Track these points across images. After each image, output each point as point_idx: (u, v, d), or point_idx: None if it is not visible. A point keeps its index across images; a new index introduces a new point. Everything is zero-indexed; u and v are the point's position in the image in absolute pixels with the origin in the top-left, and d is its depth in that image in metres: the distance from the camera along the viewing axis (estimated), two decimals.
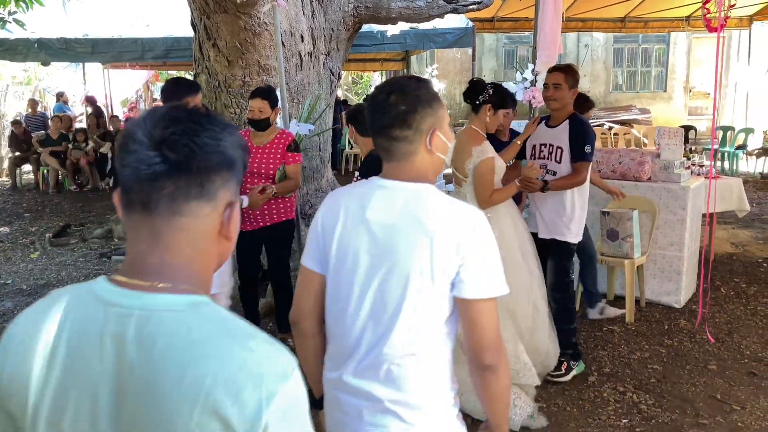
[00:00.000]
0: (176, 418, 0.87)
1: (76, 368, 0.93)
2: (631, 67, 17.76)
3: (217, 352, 0.88)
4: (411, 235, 1.49)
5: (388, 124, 1.54)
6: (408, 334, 1.50)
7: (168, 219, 0.95)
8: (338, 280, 1.58)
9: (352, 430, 1.56)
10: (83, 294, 0.97)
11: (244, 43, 5.52)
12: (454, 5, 7.15)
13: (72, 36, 10.00)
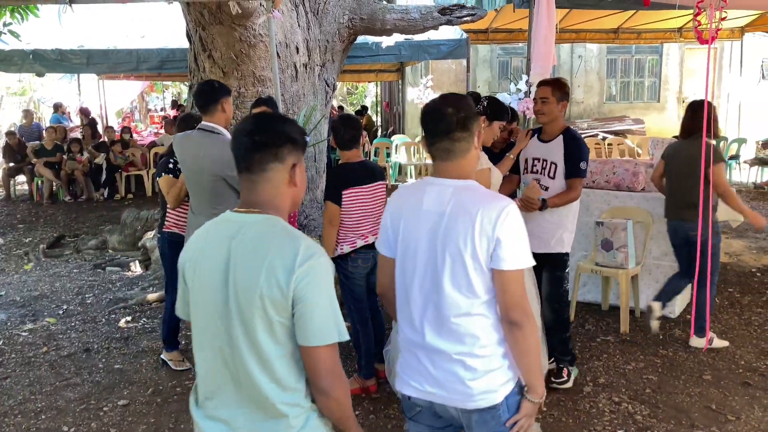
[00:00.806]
0: (256, 277, 1.60)
1: (210, 260, 1.68)
2: (625, 77, 17.87)
3: (275, 240, 1.64)
4: (458, 220, 1.89)
5: (451, 129, 1.95)
6: (461, 298, 1.90)
7: (258, 175, 1.70)
8: (404, 260, 2.02)
9: (428, 378, 1.97)
10: (222, 217, 1.76)
11: (239, 54, 5.54)
12: (448, 17, 7.18)
13: (67, 47, 10.01)
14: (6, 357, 4.58)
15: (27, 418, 3.71)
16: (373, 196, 3.82)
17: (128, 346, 4.73)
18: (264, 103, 4.07)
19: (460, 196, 1.93)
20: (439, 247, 1.92)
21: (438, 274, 1.92)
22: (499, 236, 1.86)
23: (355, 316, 3.90)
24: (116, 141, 12.09)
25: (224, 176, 3.43)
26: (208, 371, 1.72)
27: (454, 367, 1.93)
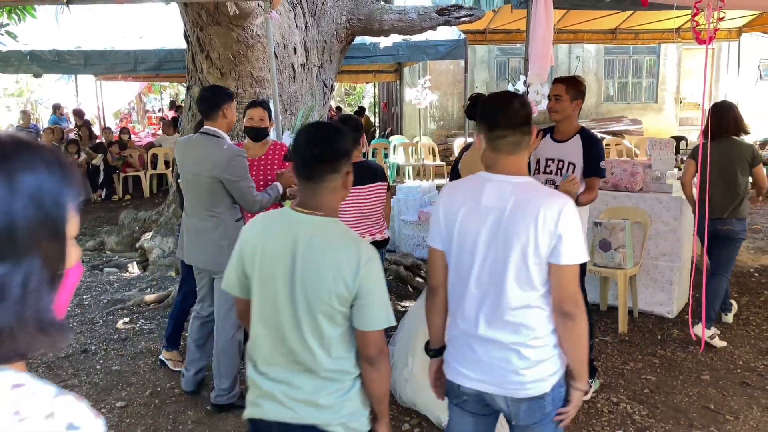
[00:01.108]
0: (324, 276, 1.86)
1: (275, 249, 1.93)
2: (622, 78, 17.89)
3: (343, 246, 1.91)
4: (519, 216, 1.96)
5: (520, 123, 2.05)
6: (520, 291, 1.97)
7: (318, 183, 1.93)
8: (461, 254, 2.07)
9: (481, 367, 2.05)
10: (282, 213, 2.03)
11: (237, 55, 5.54)
12: (446, 17, 7.19)
13: (64, 48, 10.00)
14: None
15: None
16: (372, 197, 3.82)
17: (126, 348, 4.72)
18: (263, 104, 4.07)
19: (520, 192, 2.00)
20: (500, 241, 1.99)
21: (498, 268, 1.99)
22: (560, 232, 1.94)
23: None
24: (114, 142, 12.08)
25: (222, 180, 3.47)
26: (268, 345, 1.97)
27: (508, 357, 2.00)
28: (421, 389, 3.57)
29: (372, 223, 3.86)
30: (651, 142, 5.55)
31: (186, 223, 3.76)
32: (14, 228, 0.70)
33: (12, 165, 0.73)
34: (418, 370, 3.60)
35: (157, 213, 7.47)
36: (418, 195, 7.41)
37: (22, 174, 0.73)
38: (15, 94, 22.76)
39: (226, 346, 3.66)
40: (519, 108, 2.07)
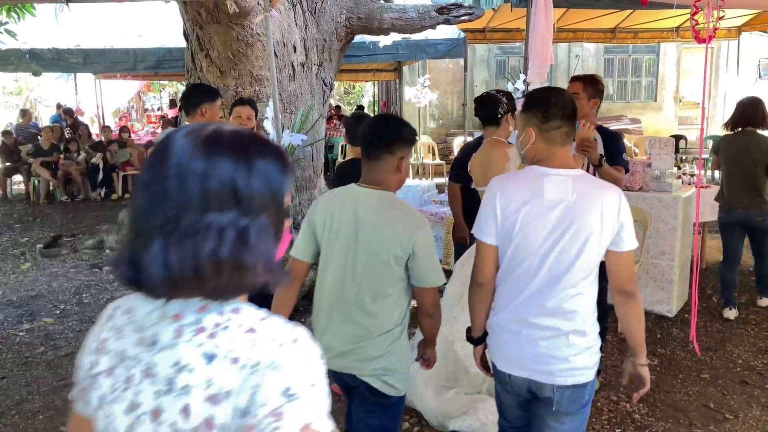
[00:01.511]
0: (383, 238, 2.22)
1: (342, 217, 2.30)
2: (622, 77, 17.89)
3: (398, 213, 2.27)
4: (585, 207, 2.05)
5: (571, 114, 2.17)
6: (578, 279, 2.08)
7: (376, 161, 2.30)
8: (523, 248, 2.11)
9: (529, 356, 2.12)
10: (348, 188, 2.36)
11: (236, 53, 5.53)
12: (445, 16, 7.18)
13: (64, 46, 9.98)
14: (3, 357, 4.57)
15: (24, 418, 3.70)
16: None
17: None
18: (250, 102, 4.08)
19: (581, 185, 2.09)
20: (568, 233, 2.06)
21: (565, 258, 2.07)
22: (621, 221, 2.08)
23: None
24: (113, 140, 12.07)
25: None
26: (328, 302, 2.36)
27: (559, 344, 2.09)
28: (419, 393, 3.57)
29: None
30: (650, 141, 5.55)
31: None
32: (252, 196, 0.97)
33: (251, 155, 1.00)
34: (419, 377, 3.59)
35: None
36: (417, 194, 7.41)
37: (258, 161, 1.00)
38: (14, 93, 22.74)
39: None
40: (570, 101, 2.21)
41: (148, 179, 1.00)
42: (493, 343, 2.26)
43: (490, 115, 3.57)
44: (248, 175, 0.98)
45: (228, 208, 0.95)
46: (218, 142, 0.99)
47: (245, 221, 0.97)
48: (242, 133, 1.03)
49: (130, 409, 0.97)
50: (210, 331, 0.97)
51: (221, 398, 0.92)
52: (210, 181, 0.95)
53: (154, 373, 0.96)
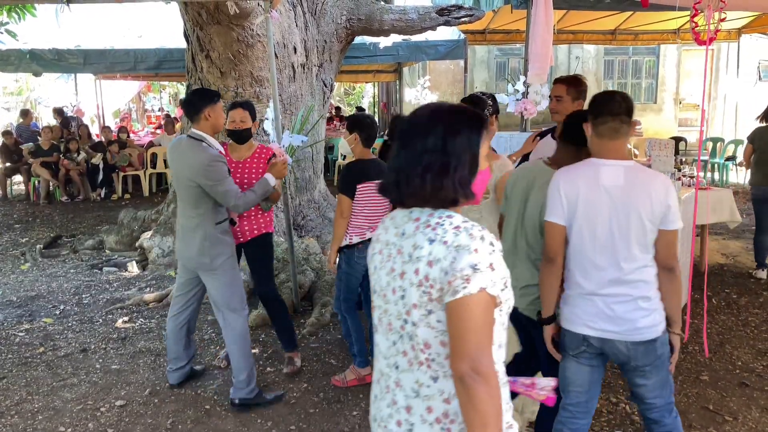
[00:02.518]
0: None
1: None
2: (622, 78, 17.90)
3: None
4: (637, 192, 2.41)
5: (620, 112, 2.48)
6: (640, 254, 2.42)
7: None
8: (586, 226, 2.47)
9: (605, 319, 2.45)
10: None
11: (237, 54, 5.54)
12: (446, 18, 7.19)
13: (64, 47, 9.99)
14: (3, 357, 4.57)
15: (24, 418, 3.70)
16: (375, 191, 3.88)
17: (125, 347, 4.72)
18: (243, 105, 4.09)
19: (632, 173, 2.45)
20: (621, 214, 2.42)
21: (622, 235, 2.42)
22: (669, 203, 2.41)
23: (342, 306, 3.99)
24: (113, 141, 12.07)
25: (200, 184, 3.55)
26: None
27: (630, 308, 2.43)
28: None
29: (382, 216, 3.94)
30: (650, 142, 5.55)
31: (177, 220, 3.88)
32: (454, 147, 1.56)
33: (456, 121, 1.59)
34: None
35: (157, 212, 7.47)
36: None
37: (460, 126, 1.58)
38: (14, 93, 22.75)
39: (235, 339, 3.73)
40: (620, 101, 2.51)
41: (399, 137, 1.64)
42: (570, 313, 2.56)
43: None
44: (452, 134, 1.57)
45: (438, 153, 1.56)
46: (436, 116, 1.61)
47: (448, 162, 1.55)
48: (451, 109, 1.63)
49: (389, 273, 1.63)
50: (433, 226, 1.55)
51: (434, 263, 1.50)
52: (429, 139, 1.57)
53: (403, 251, 1.59)
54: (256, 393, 3.77)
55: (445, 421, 1.55)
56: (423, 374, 1.57)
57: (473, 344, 1.46)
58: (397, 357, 1.62)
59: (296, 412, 3.71)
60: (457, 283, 1.46)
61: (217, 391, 3.98)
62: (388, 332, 1.64)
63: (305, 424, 3.58)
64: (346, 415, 3.68)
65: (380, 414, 1.67)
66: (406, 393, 1.59)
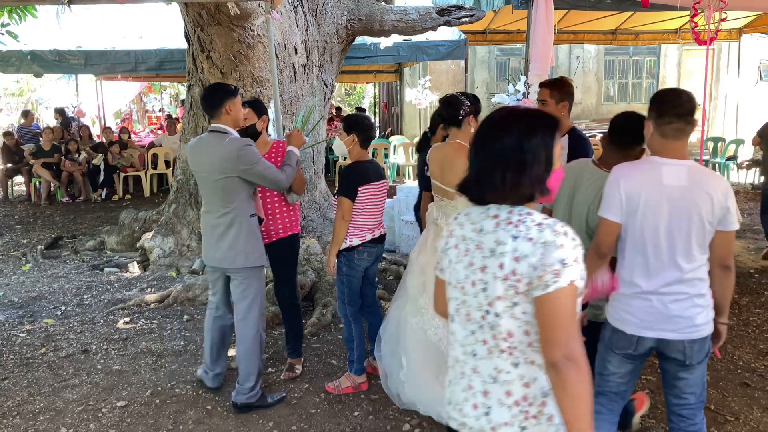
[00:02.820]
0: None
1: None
2: (623, 78, 17.90)
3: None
4: (698, 193, 2.43)
5: (687, 113, 2.46)
6: (698, 254, 2.47)
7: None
8: (644, 225, 2.49)
9: (661, 319, 2.49)
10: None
11: (237, 55, 5.54)
12: (446, 18, 7.19)
13: (65, 48, 10.01)
14: (4, 358, 4.57)
15: (25, 419, 3.70)
16: (382, 193, 3.91)
17: (127, 348, 4.72)
18: (246, 103, 4.06)
19: (693, 174, 2.46)
20: (683, 214, 2.44)
21: (682, 235, 2.46)
22: (728, 205, 2.45)
23: (348, 310, 3.93)
24: (114, 142, 12.07)
25: (237, 172, 3.51)
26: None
27: (687, 306, 2.48)
28: (420, 386, 3.57)
29: (380, 218, 3.95)
30: None
31: (202, 222, 3.79)
32: (532, 146, 1.68)
33: (531, 124, 1.71)
34: (414, 367, 3.60)
35: (158, 213, 7.47)
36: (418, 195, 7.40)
37: (534, 128, 1.70)
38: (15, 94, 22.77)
39: (248, 345, 3.68)
40: (686, 101, 2.48)
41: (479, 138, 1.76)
42: (623, 312, 2.57)
43: (452, 116, 3.62)
44: (529, 134, 1.69)
45: (516, 152, 1.67)
46: (513, 118, 1.73)
47: (525, 160, 1.67)
48: (527, 111, 1.75)
49: (468, 266, 1.75)
50: (515, 223, 1.67)
51: (521, 259, 1.63)
52: (507, 139, 1.69)
53: (482, 246, 1.71)
54: (259, 396, 3.75)
55: (524, 404, 1.70)
56: (503, 361, 1.71)
57: (565, 334, 1.60)
58: (476, 345, 1.75)
59: (297, 413, 3.71)
60: (548, 278, 1.59)
61: (218, 391, 3.98)
62: (466, 322, 1.78)
63: (306, 424, 3.58)
64: (347, 415, 3.68)
65: (455, 398, 1.83)
66: (483, 379, 1.74)
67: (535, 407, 1.69)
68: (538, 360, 1.68)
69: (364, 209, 3.82)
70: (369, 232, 3.85)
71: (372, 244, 3.87)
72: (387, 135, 16.75)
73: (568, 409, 1.60)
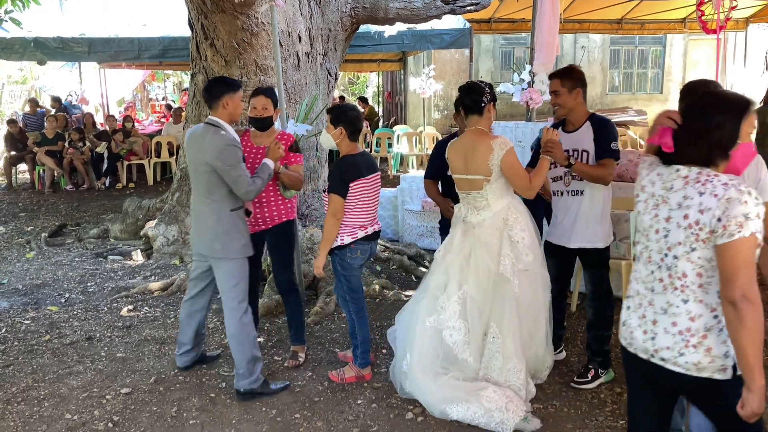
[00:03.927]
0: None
1: None
2: (628, 68, 17.81)
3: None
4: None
5: None
6: None
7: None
8: None
9: None
10: None
11: (241, 43, 5.52)
12: (451, 6, 7.15)
13: (69, 35, 9.99)
14: (9, 345, 4.60)
15: (30, 405, 3.72)
16: (375, 187, 3.82)
17: (130, 335, 4.74)
18: (266, 92, 4.06)
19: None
20: None
21: None
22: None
23: (351, 307, 3.88)
24: (118, 130, 12.07)
25: (215, 167, 3.56)
26: None
27: None
28: (417, 387, 3.58)
29: (373, 213, 3.85)
30: None
31: (192, 209, 3.89)
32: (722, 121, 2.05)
33: (723, 105, 2.07)
34: (415, 366, 3.61)
35: (161, 201, 7.47)
36: (421, 185, 7.40)
37: (726, 107, 2.06)
38: (19, 82, 22.75)
39: (233, 331, 3.72)
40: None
41: (684, 112, 2.15)
42: None
43: (475, 103, 3.56)
44: (722, 114, 2.05)
45: (709, 126, 2.04)
46: (711, 97, 2.14)
47: (715, 134, 2.04)
48: (723, 93, 2.19)
49: (653, 217, 2.15)
50: (702, 182, 2.01)
51: (705, 211, 1.97)
52: (705, 115, 2.07)
53: (669, 201, 2.09)
54: (261, 382, 3.77)
55: (687, 335, 2.05)
56: (675, 297, 2.07)
57: (744, 277, 1.90)
58: (654, 283, 2.15)
59: (301, 401, 3.72)
60: (732, 228, 1.91)
61: (222, 379, 4.00)
62: (648, 263, 2.18)
63: (310, 412, 3.59)
64: (350, 403, 3.69)
65: (630, 322, 2.23)
66: (655, 311, 2.14)
67: (696, 338, 2.02)
68: (705, 299, 2.03)
69: (356, 206, 3.71)
70: (361, 229, 3.75)
71: (365, 241, 3.78)
72: (391, 124, 16.70)
73: (743, 341, 1.89)
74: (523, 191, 3.50)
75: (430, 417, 3.51)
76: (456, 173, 3.66)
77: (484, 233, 3.54)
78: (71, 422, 3.53)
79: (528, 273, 3.54)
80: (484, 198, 3.53)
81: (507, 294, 3.51)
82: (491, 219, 3.53)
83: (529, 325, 3.60)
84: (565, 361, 4.19)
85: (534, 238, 3.58)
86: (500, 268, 3.48)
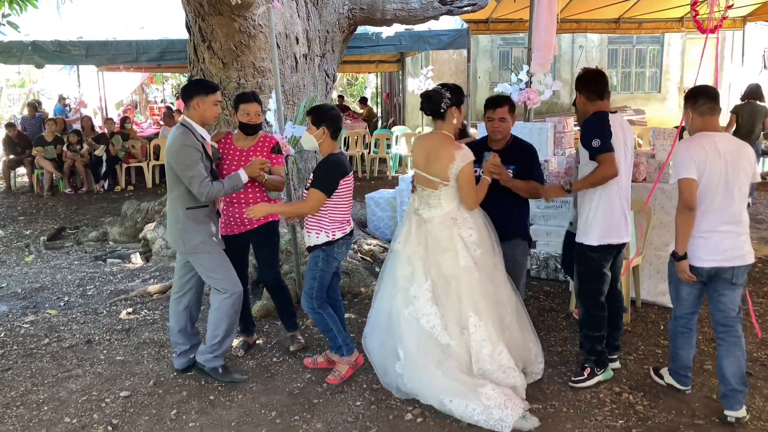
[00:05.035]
0: None
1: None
2: (626, 67, 17.82)
3: None
4: (742, 155, 3.37)
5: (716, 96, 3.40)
6: (742, 200, 3.40)
7: None
8: (708, 182, 3.32)
9: (730, 252, 3.37)
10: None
11: (239, 45, 5.52)
12: (448, 7, 7.16)
13: (66, 38, 9.98)
14: (8, 348, 4.59)
15: (29, 409, 3.72)
16: (352, 184, 3.95)
17: (129, 338, 4.74)
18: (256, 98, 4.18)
19: (732, 143, 3.41)
20: (731, 172, 3.31)
21: (736, 187, 3.33)
22: (755, 164, 3.43)
23: (315, 303, 3.89)
24: (116, 132, 12.07)
25: (171, 167, 3.73)
26: None
27: (743, 240, 3.40)
28: (420, 376, 3.58)
29: (350, 210, 3.99)
30: (654, 131, 5.53)
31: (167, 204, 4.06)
32: None
33: None
34: (412, 358, 3.60)
35: (160, 203, 7.47)
36: None
37: None
38: (17, 85, 22.75)
39: (212, 311, 3.91)
40: (711, 89, 3.42)
41: None
42: (700, 250, 3.38)
43: (433, 110, 3.68)
44: None
45: None
46: None
47: None
48: None
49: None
50: None
51: None
52: None
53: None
54: (218, 366, 3.94)
55: None
56: None
57: None
58: None
59: (300, 403, 3.72)
60: None
61: (221, 381, 3.99)
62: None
63: (309, 414, 3.59)
64: (350, 404, 3.69)
65: None
66: None
67: None
68: None
69: (344, 201, 3.83)
70: (348, 224, 3.90)
71: (348, 237, 3.93)
72: (389, 125, 16.70)
73: None
74: (470, 203, 3.67)
75: (430, 418, 3.51)
76: (416, 168, 3.79)
77: (434, 229, 3.70)
78: (70, 426, 3.53)
79: (479, 266, 3.68)
80: (438, 198, 3.69)
81: (473, 283, 3.65)
82: (441, 217, 3.70)
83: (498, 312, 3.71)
84: (564, 361, 4.19)
85: (483, 235, 3.72)
86: (461, 262, 3.63)
